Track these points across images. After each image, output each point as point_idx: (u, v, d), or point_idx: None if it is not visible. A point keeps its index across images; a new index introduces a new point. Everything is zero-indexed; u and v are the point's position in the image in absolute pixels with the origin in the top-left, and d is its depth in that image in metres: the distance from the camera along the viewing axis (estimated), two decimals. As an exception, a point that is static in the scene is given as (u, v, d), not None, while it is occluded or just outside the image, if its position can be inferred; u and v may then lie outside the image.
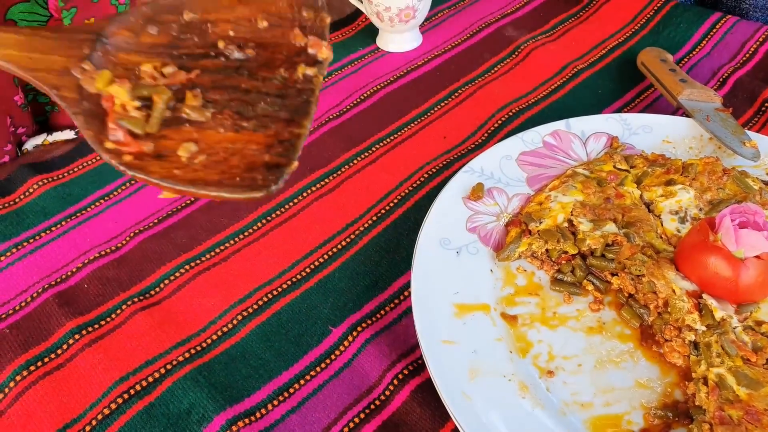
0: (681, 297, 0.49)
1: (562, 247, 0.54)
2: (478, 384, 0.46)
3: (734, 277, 0.48)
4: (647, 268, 0.51)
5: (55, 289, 0.56)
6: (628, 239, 0.53)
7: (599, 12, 0.90)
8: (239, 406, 0.49)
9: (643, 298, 0.51)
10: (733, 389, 0.43)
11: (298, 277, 0.58)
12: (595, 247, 0.53)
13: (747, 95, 0.74)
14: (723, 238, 0.49)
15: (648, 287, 0.51)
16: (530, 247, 0.54)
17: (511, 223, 0.57)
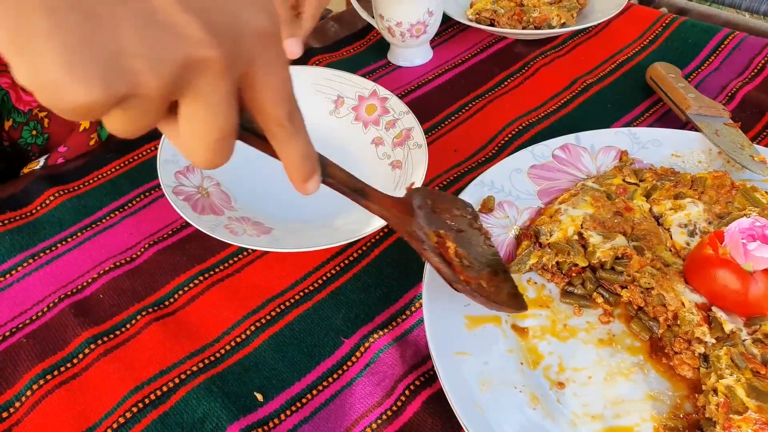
0: (690, 309, 0.49)
1: (572, 259, 0.54)
2: (489, 395, 0.47)
3: (743, 290, 0.48)
4: (656, 281, 0.51)
5: (70, 299, 0.57)
6: (638, 252, 0.53)
7: (608, 27, 0.91)
8: (252, 416, 0.49)
9: (652, 311, 0.51)
10: (742, 401, 0.43)
11: (310, 288, 0.58)
12: (605, 260, 0.54)
13: (755, 110, 0.74)
14: (731, 252, 0.49)
15: (657, 300, 0.51)
16: (541, 260, 0.55)
17: (521, 235, 0.58)
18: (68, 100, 0.23)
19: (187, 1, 0.24)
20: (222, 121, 0.28)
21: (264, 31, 0.28)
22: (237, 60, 0.27)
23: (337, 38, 0.92)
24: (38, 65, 0.22)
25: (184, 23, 0.24)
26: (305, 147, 0.34)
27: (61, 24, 0.22)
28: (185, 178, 0.63)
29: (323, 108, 0.74)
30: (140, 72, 0.24)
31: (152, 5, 0.24)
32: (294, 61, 0.87)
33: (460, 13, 0.90)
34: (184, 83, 0.26)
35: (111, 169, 0.71)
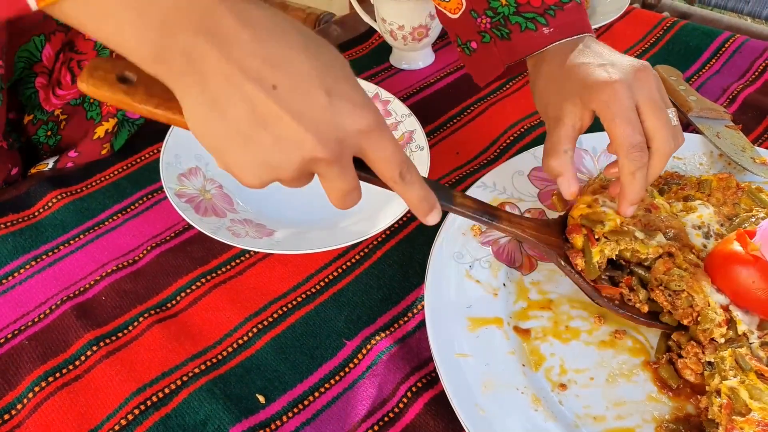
0: (714, 309, 0.48)
1: (634, 246, 0.51)
2: (491, 397, 0.47)
3: None
4: (686, 282, 0.49)
5: (73, 301, 0.57)
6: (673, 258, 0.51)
7: (610, 30, 0.91)
8: (254, 418, 0.49)
9: (681, 314, 0.50)
10: (746, 403, 0.43)
11: (312, 290, 0.59)
12: (653, 256, 0.52)
13: (756, 112, 0.74)
14: (762, 248, 0.48)
15: (686, 302, 0.49)
16: (603, 254, 0.51)
17: (569, 231, 0.53)
18: (242, 182, 0.39)
19: (306, 122, 0.35)
20: (339, 186, 0.40)
21: (363, 129, 0.38)
22: (343, 151, 0.38)
23: (339, 42, 0.93)
24: (235, 172, 0.38)
25: (302, 137, 0.36)
26: (419, 193, 0.43)
27: (244, 150, 0.37)
28: (187, 181, 0.64)
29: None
30: (279, 169, 0.37)
31: (281, 127, 0.35)
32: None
33: (461, 16, 0.90)
34: (309, 169, 0.38)
35: (114, 172, 0.71)
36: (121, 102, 0.39)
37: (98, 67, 0.39)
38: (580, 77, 0.50)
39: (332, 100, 0.36)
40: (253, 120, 0.35)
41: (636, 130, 0.48)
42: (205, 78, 0.34)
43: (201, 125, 0.36)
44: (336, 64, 0.37)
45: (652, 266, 0.52)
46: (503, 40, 0.57)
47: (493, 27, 0.57)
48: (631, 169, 0.48)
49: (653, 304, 0.51)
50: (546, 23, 0.55)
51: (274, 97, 0.34)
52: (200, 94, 0.35)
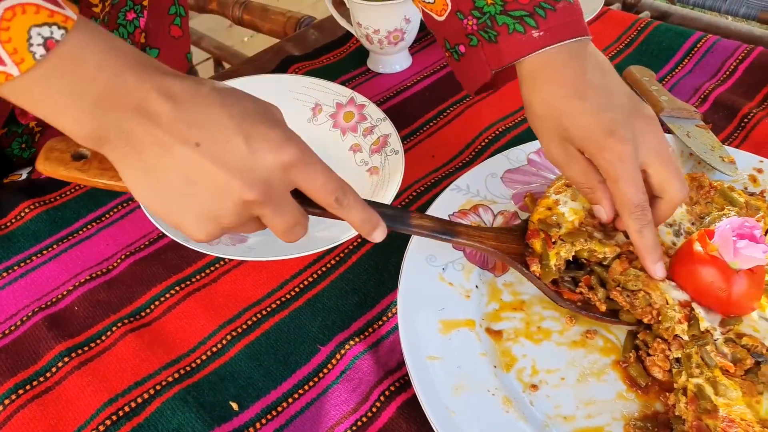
0: (673, 307, 0.49)
1: (590, 246, 0.51)
2: (462, 399, 0.47)
3: (727, 288, 0.48)
4: (642, 281, 0.50)
5: (44, 312, 0.57)
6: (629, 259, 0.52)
7: (583, 32, 0.92)
8: (227, 426, 0.49)
9: (640, 312, 0.50)
10: (711, 399, 0.44)
11: (287, 296, 0.59)
12: (610, 256, 0.52)
13: (727, 111, 0.75)
14: (720, 249, 0.49)
15: (644, 301, 0.50)
16: (559, 256, 0.52)
17: (528, 236, 0.54)
18: (194, 239, 0.42)
19: (231, 169, 0.38)
20: (279, 223, 0.42)
21: (286, 163, 0.40)
22: (273, 189, 0.40)
23: (317, 46, 0.93)
24: (184, 230, 0.41)
25: (229, 183, 0.39)
26: (360, 216, 0.45)
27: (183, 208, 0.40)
28: (161, 189, 0.63)
29: (301, 116, 0.74)
30: (219, 218, 0.40)
31: (210, 179, 0.38)
32: (273, 68, 0.87)
33: (437, 19, 0.90)
34: (247, 213, 0.41)
35: (88, 181, 0.70)
36: (77, 179, 0.43)
37: (53, 148, 0.43)
38: (584, 126, 0.48)
39: (250, 143, 0.38)
40: (185, 178, 0.38)
41: (639, 189, 0.48)
42: (138, 148, 0.38)
43: (142, 192, 0.40)
44: (255, 110, 0.40)
45: (609, 267, 0.52)
46: (490, 43, 0.53)
47: (480, 29, 0.53)
48: (637, 228, 0.48)
49: (614, 302, 0.52)
50: (535, 25, 0.50)
51: (199, 153, 0.38)
52: (136, 164, 0.39)
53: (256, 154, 0.39)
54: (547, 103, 0.50)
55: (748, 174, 0.63)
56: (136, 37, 0.72)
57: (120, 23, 0.71)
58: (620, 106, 0.49)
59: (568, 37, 0.50)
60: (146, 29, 0.76)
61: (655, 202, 0.50)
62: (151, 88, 0.38)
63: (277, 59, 0.89)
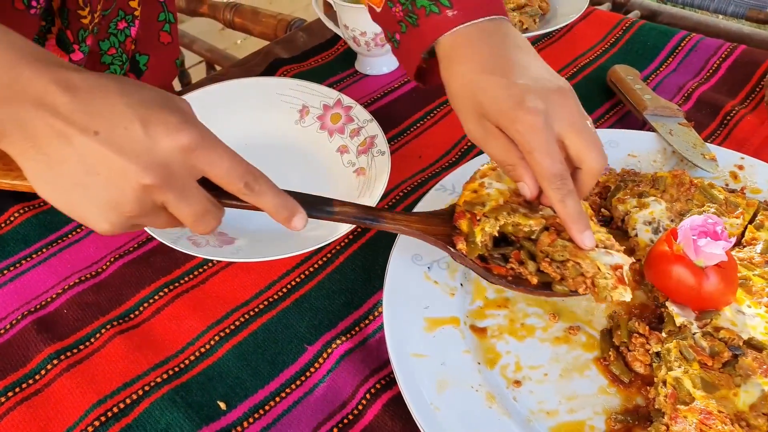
0: (605, 274, 0.47)
1: (515, 219, 0.50)
2: (446, 395, 0.47)
3: (697, 285, 0.49)
4: (569, 252, 0.49)
5: (34, 315, 0.57)
6: (557, 230, 0.50)
7: (571, 32, 0.93)
8: (215, 425, 0.50)
9: (572, 283, 0.49)
10: (689, 392, 0.44)
11: (274, 297, 0.59)
12: (537, 228, 0.50)
13: (710, 109, 0.76)
14: (684, 248, 0.50)
15: (575, 271, 0.49)
16: (485, 232, 0.50)
17: (456, 217, 0.53)
18: (99, 231, 0.41)
19: (128, 153, 0.38)
20: (185, 211, 0.41)
21: (185, 146, 0.39)
22: (173, 174, 0.39)
23: (305, 48, 0.93)
24: (88, 222, 0.41)
25: (126, 168, 0.38)
26: (274, 201, 0.44)
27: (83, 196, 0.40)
28: (150, 192, 0.64)
29: (289, 118, 0.75)
30: (120, 206, 0.39)
31: (108, 166, 0.38)
32: (262, 71, 0.88)
33: (424, 21, 0.91)
34: (149, 200, 0.40)
35: (78, 185, 0.71)
36: None
37: None
38: (497, 99, 0.48)
39: (147, 128, 0.38)
40: (85, 167, 0.38)
41: (556, 159, 0.47)
42: (38, 141, 0.38)
43: (45, 186, 0.40)
44: (154, 98, 0.40)
45: (537, 240, 0.50)
46: (415, 27, 0.53)
47: (405, 15, 0.54)
48: (559, 197, 0.48)
49: (545, 276, 0.50)
50: (449, 5, 0.51)
51: (98, 141, 0.38)
52: (36, 157, 0.39)
53: (154, 138, 0.38)
54: (463, 80, 0.50)
55: (729, 171, 0.64)
56: (127, 46, 0.73)
57: (111, 32, 0.72)
58: (533, 79, 0.48)
59: (482, 15, 0.51)
60: (137, 36, 0.76)
61: (576, 174, 0.49)
62: (50, 81, 0.37)
63: (265, 62, 0.89)
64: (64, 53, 0.63)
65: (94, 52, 0.71)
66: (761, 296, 0.51)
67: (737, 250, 0.56)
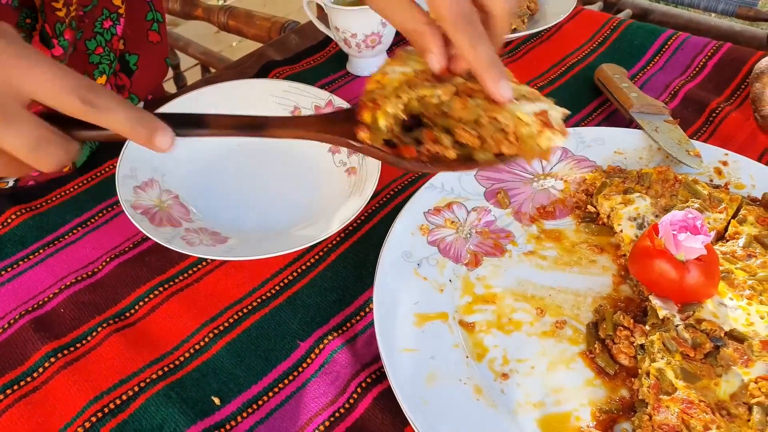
0: (527, 121, 0.41)
1: (420, 92, 0.44)
2: (435, 389, 0.48)
3: (679, 278, 0.51)
4: (483, 109, 0.42)
5: (31, 315, 0.58)
6: (470, 95, 0.44)
7: (560, 32, 0.94)
8: (209, 419, 0.51)
9: (493, 144, 0.43)
10: (671, 382, 0.46)
11: (267, 294, 0.60)
12: (446, 99, 0.44)
13: (696, 106, 0.77)
14: (665, 243, 0.51)
15: (492, 128, 0.43)
16: (387, 114, 0.44)
17: (359, 112, 0.46)
18: None
19: None
20: (15, 138, 0.37)
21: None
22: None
23: (298, 50, 0.94)
24: None
25: None
26: (126, 115, 0.39)
27: None
28: (144, 193, 0.65)
29: (281, 119, 0.76)
30: None
31: None
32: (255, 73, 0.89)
33: (415, 22, 0.92)
34: None
35: (74, 186, 0.72)
36: None
37: None
38: None
39: None
40: None
41: None
42: None
43: None
44: None
45: (451, 111, 0.45)
46: None
47: None
48: (468, 41, 0.41)
49: (465, 149, 0.45)
50: None
51: None
52: None
53: None
54: None
55: (714, 167, 0.65)
56: (114, 44, 0.74)
57: (97, 31, 0.73)
58: None
59: None
60: (125, 36, 0.77)
61: (486, 20, 0.44)
62: None
63: (258, 64, 0.90)
64: (46, 49, 0.64)
65: (81, 51, 0.72)
66: (743, 289, 0.52)
67: (720, 244, 0.57)
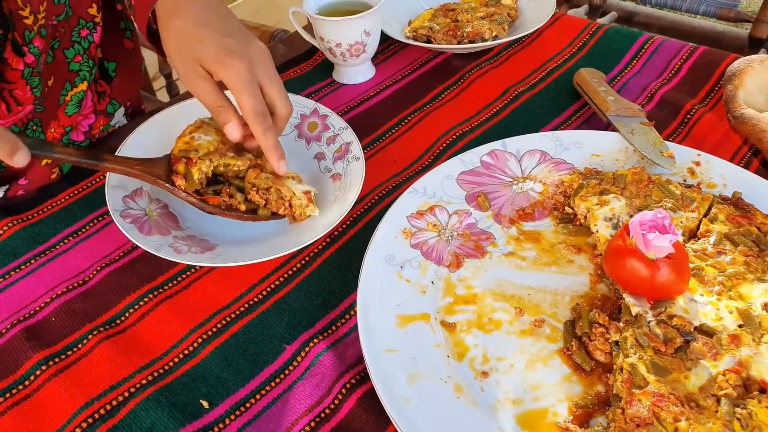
0: (299, 196, 0.64)
1: (226, 161, 0.63)
2: (416, 388, 0.50)
3: (650, 276, 0.52)
4: (272, 181, 0.64)
5: (23, 324, 0.59)
6: (260, 168, 0.65)
7: (540, 37, 0.96)
8: (198, 422, 0.52)
9: (275, 206, 0.64)
10: (643, 376, 0.47)
11: (255, 300, 0.62)
12: (244, 168, 0.65)
13: (672, 108, 0.79)
14: (636, 242, 0.53)
15: (276, 195, 0.64)
16: (201, 171, 0.62)
17: (173, 163, 0.63)
18: None
19: None
20: None
21: None
22: None
23: (285, 59, 0.96)
24: None
25: None
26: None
27: None
28: (133, 202, 0.66)
29: (267, 128, 0.78)
30: None
31: None
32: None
33: (399, 31, 0.94)
34: None
35: (65, 197, 0.73)
36: None
37: None
38: (213, 49, 0.59)
39: None
40: None
41: (258, 100, 0.59)
42: None
43: None
44: None
45: (245, 176, 0.65)
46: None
47: None
48: (261, 130, 0.60)
49: (252, 204, 0.65)
50: None
51: None
52: None
53: None
54: (180, 31, 0.62)
55: (687, 167, 0.67)
56: (92, 52, 0.76)
57: (74, 40, 0.75)
58: (237, 37, 0.61)
59: None
60: (102, 44, 0.79)
61: (273, 118, 0.62)
62: None
63: (245, 74, 0.92)
64: (18, 57, 0.66)
65: (60, 60, 0.74)
66: (713, 285, 0.54)
67: (692, 243, 0.59)
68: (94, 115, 0.81)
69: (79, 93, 0.76)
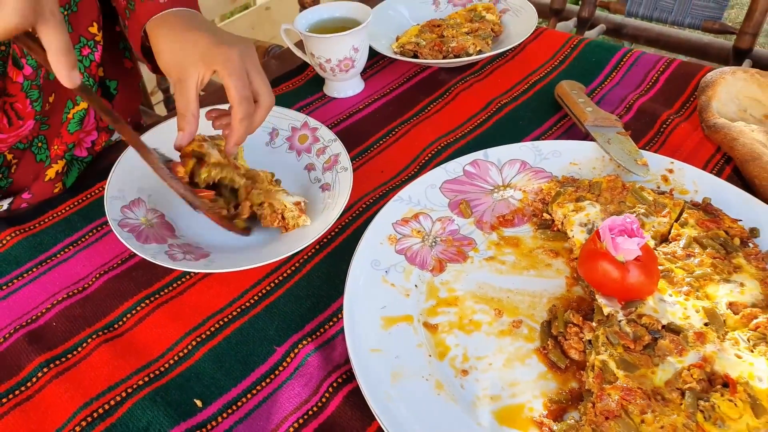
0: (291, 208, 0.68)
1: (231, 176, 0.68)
2: (399, 385, 0.53)
3: (620, 278, 0.55)
4: (264, 196, 0.68)
5: (25, 329, 0.62)
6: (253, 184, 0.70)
7: (524, 51, 1.00)
8: (192, 420, 0.54)
9: (269, 220, 0.68)
10: (613, 372, 0.50)
11: (247, 304, 0.64)
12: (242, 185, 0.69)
13: (649, 119, 0.83)
14: (606, 246, 0.56)
15: (269, 209, 0.68)
16: (210, 174, 0.67)
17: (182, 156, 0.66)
18: None
19: None
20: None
21: None
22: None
23: (277, 75, 1.00)
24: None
25: None
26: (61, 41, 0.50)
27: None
28: (131, 212, 0.69)
29: (260, 140, 0.81)
30: None
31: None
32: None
33: (387, 47, 0.98)
34: None
35: (65, 208, 0.76)
36: None
37: None
38: (203, 43, 0.63)
39: None
40: None
41: (246, 86, 0.62)
42: None
43: None
44: None
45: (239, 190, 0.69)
46: (133, 12, 0.71)
47: (128, 2, 0.72)
48: (241, 116, 0.62)
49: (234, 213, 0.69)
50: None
51: None
52: None
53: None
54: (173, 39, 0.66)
55: (661, 174, 0.70)
56: (93, 71, 0.79)
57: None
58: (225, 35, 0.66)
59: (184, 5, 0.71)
60: (103, 63, 0.82)
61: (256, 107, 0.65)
62: None
63: (239, 88, 0.95)
64: (18, 70, 0.69)
65: None
66: (682, 285, 0.57)
67: (663, 246, 0.62)
68: (96, 132, 0.85)
69: (80, 111, 0.79)
